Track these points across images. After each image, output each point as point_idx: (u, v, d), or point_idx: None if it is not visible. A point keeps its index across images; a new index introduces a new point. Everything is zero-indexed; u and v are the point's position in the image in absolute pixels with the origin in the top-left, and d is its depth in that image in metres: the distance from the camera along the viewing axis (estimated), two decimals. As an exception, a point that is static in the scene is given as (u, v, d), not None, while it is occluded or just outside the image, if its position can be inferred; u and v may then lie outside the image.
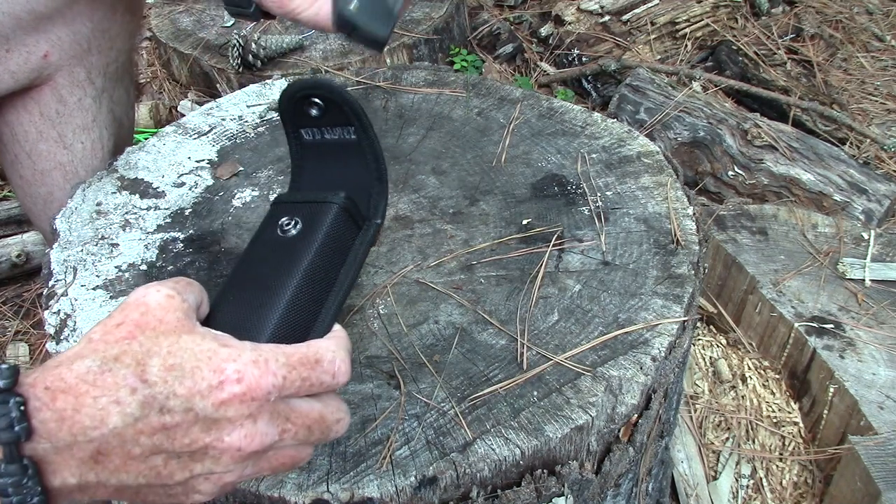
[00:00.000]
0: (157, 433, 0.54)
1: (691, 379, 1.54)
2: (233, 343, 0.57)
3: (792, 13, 2.78)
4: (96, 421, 0.52)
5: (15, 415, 0.50)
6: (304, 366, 0.59)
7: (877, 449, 1.25)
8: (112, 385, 0.52)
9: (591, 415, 0.77)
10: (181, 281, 0.62)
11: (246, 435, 0.56)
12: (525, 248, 0.97)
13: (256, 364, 0.56)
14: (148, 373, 0.53)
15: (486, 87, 1.26)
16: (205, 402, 0.54)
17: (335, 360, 0.61)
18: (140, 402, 0.53)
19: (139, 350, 0.54)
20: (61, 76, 1.17)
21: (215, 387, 0.54)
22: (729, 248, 1.62)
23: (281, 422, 0.58)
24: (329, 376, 0.60)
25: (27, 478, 0.51)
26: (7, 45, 1.08)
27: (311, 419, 0.60)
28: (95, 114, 1.23)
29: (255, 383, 0.55)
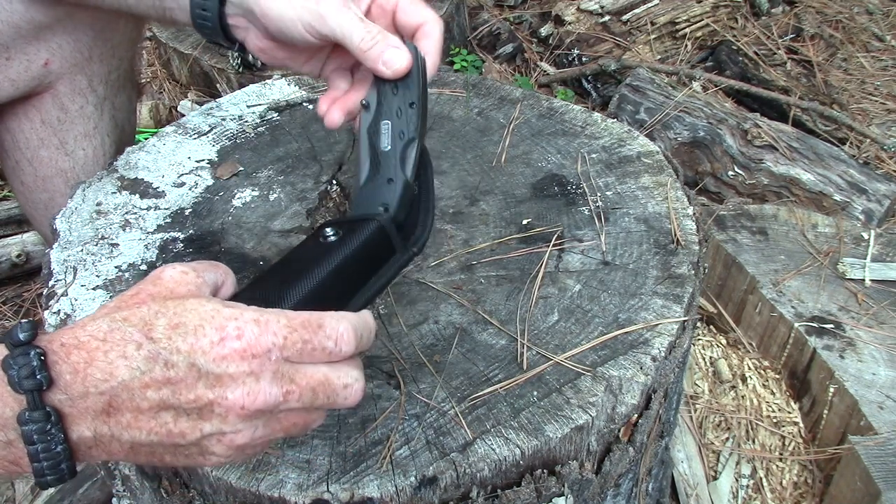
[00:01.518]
0: (163, 387, 0.57)
1: (691, 379, 1.54)
2: (237, 305, 0.59)
3: (792, 13, 2.78)
4: (106, 374, 0.56)
5: (36, 364, 0.54)
6: (306, 329, 0.60)
7: (877, 449, 1.25)
8: (120, 341, 0.56)
9: (591, 415, 0.77)
10: (204, 262, 0.65)
11: (249, 392, 0.58)
12: (525, 248, 0.97)
13: (257, 322, 0.58)
14: (154, 331, 0.57)
15: (486, 87, 1.26)
16: (206, 357, 0.57)
17: (338, 327, 0.62)
18: (145, 356, 0.56)
19: (147, 312, 0.58)
20: (62, 84, 1.17)
21: (216, 343, 0.57)
22: (729, 248, 1.62)
23: (285, 382, 0.59)
24: (332, 342, 0.61)
25: (51, 424, 0.55)
26: (7, 54, 1.08)
27: (316, 381, 0.61)
28: (97, 121, 1.23)
29: (255, 340, 0.58)
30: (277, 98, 1.26)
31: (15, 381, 0.54)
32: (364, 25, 0.79)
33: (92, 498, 1.44)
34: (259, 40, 0.87)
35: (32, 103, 1.17)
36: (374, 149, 0.79)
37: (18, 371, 0.54)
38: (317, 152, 1.15)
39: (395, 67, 0.78)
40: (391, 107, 0.79)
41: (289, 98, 1.26)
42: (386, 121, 0.79)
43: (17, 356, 0.54)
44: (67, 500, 1.44)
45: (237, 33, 0.89)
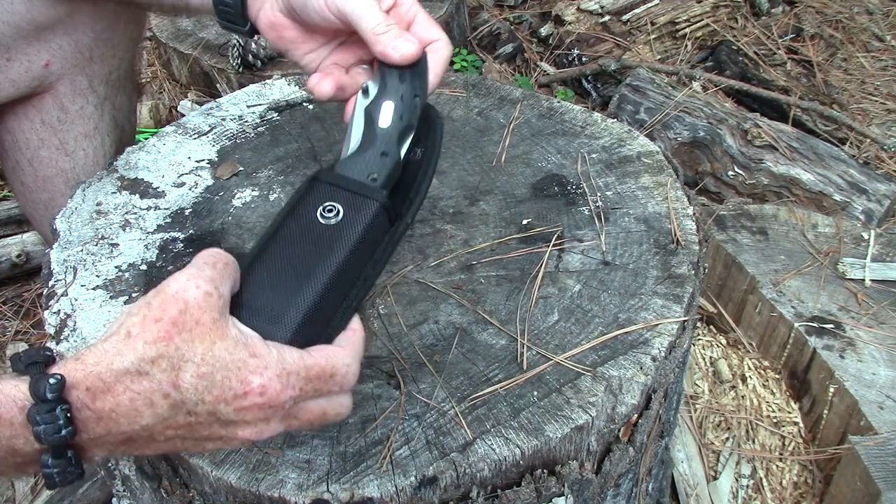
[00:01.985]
0: (182, 428, 0.61)
1: (691, 379, 1.54)
2: (260, 352, 0.62)
3: (792, 13, 2.78)
4: (130, 419, 0.59)
5: (62, 421, 0.56)
6: (320, 379, 0.64)
7: (877, 449, 1.25)
8: (147, 390, 0.58)
9: (591, 415, 0.77)
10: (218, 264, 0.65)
11: (256, 432, 0.63)
12: (525, 248, 0.97)
13: (280, 378, 0.61)
14: (181, 379, 0.59)
15: (486, 87, 1.26)
16: (228, 407, 0.61)
17: (348, 373, 0.67)
18: (171, 404, 0.59)
19: (175, 355, 0.59)
20: (63, 84, 1.16)
21: (240, 395, 0.60)
22: (729, 248, 1.62)
23: (289, 420, 0.65)
24: (338, 387, 0.66)
25: (70, 465, 0.59)
26: (7, 54, 1.08)
27: (315, 415, 0.66)
28: (97, 121, 1.23)
29: (276, 396, 0.61)
30: (277, 98, 1.26)
31: (40, 436, 0.56)
32: (383, 14, 0.80)
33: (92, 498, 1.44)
34: (273, 14, 0.87)
35: (33, 104, 1.17)
36: (371, 124, 0.79)
37: (45, 428, 0.56)
38: (317, 152, 1.15)
39: (403, 51, 0.78)
40: (397, 91, 0.79)
41: (289, 98, 1.26)
42: (389, 101, 0.79)
43: (44, 413, 0.56)
44: (67, 500, 1.44)
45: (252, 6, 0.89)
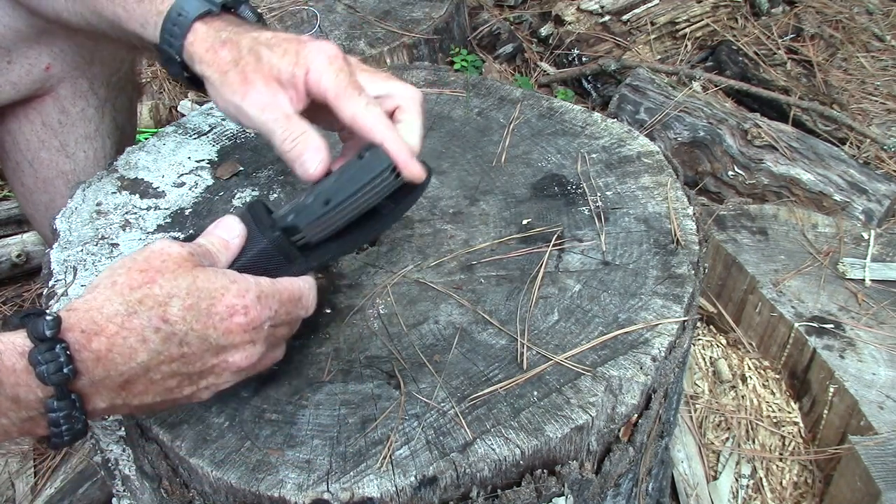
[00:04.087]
0: (176, 360, 0.64)
1: (691, 379, 1.54)
2: (238, 279, 0.68)
3: (792, 13, 2.78)
4: (126, 357, 0.62)
5: (63, 359, 0.59)
6: (290, 302, 0.72)
7: (877, 449, 1.25)
8: (138, 327, 0.62)
9: (591, 415, 0.77)
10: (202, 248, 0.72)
11: (246, 356, 0.69)
12: (525, 248, 0.97)
13: (259, 300, 0.68)
14: (169, 313, 0.63)
15: (486, 87, 1.26)
16: (216, 331, 0.65)
17: (309, 297, 0.75)
18: (163, 338, 0.63)
19: (160, 293, 0.64)
20: (64, 87, 1.16)
21: (225, 318, 0.65)
22: (729, 248, 1.62)
23: (268, 341, 0.71)
24: (304, 311, 0.75)
25: (75, 409, 0.61)
26: (9, 57, 1.09)
27: (282, 336, 0.75)
28: (98, 123, 1.23)
29: (257, 316, 0.68)
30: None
31: (44, 376, 0.58)
32: (286, 124, 0.78)
33: (92, 498, 1.44)
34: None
35: (33, 106, 1.17)
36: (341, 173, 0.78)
37: (47, 367, 0.58)
38: (317, 152, 1.14)
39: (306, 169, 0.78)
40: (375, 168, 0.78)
41: (289, 98, 1.26)
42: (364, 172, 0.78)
43: (44, 352, 0.58)
44: (67, 500, 1.44)
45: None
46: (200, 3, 0.87)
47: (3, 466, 1.49)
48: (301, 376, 0.82)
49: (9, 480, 1.48)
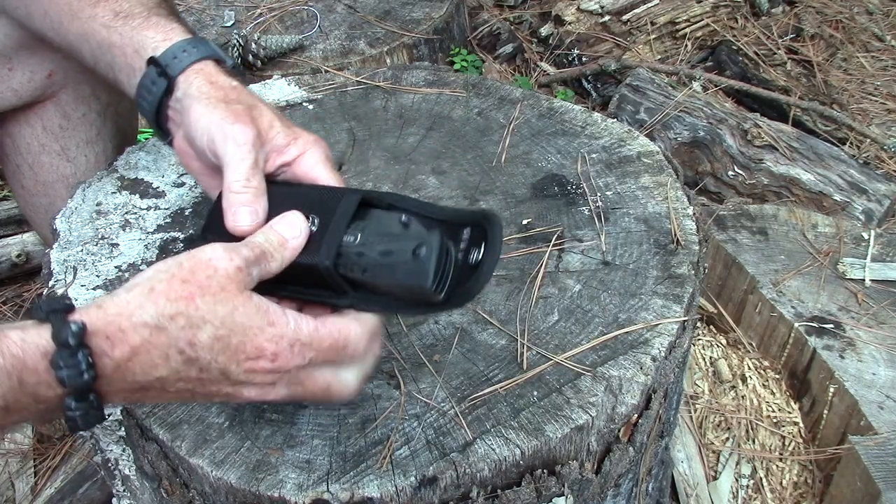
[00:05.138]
0: (193, 381, 0.64)
1: (691, 379, 1.54)
2: (278, 321, 0.64)
3: (792, 13, 2.78)
4: (146, 369, 0.61)
5: (84, 366, 0.58)
6: (332, 350, 0.67)
7: (877, 449, 1.25)
8: (164, 344, 0.61)
9: (591, 415, 0.77)
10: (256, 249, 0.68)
11: (261, 393, 0.66)
12: (525, 248, 0.97)
13: (292, 348, 0.64)
14: (198, 338, 0.61)
15: (486, 87, 1.26)
16: (239, 368, 0.64)
17: (359, 344, 0.68)
18: (185, 360, 0.62)
19: (194, 314, 0.62)
20: (66, 92, 1.16)
21: (252, 359, 0.63)
22: (729, 248, 1.62)
23: (294, 385, 0.67)
24: (350, 359, 0.69)
25: (92, 408, 0.61)
26: (10, 64, 1.08)
27: (318, 387, 0.68)
28: (100, 128, 1.22)
29: (286, 363, 0.64)
30: (277, 98, 1.26)
31: (64, 380, 0.58)
32: (251, 170, 0.78)
33: (92, 498, 1.44)
34: (182, 141, 0.87)
35: (34, 110, 1.17)
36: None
37: (68, 372, 0.58)
38: (317, 152, 1.15)
39: (237, 220, 0.75)
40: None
41: (289, 98, 1.26)
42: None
43: (66, 357, 0.58)
44: (67, 500, 1.44)
45: (171, 126, 0.89)
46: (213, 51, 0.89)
47: (3, 466, 1.49)
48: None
49: (9, 480, 1.48)
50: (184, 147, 0.87)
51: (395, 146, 1.15)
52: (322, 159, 0.82)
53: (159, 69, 0.86)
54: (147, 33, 0.89)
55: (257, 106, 0.83)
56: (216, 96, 0.83)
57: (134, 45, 0.89)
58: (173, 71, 0.86)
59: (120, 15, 0.91)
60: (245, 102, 0.83)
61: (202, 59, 0.87)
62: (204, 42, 0.89)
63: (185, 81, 0.85)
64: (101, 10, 0.91)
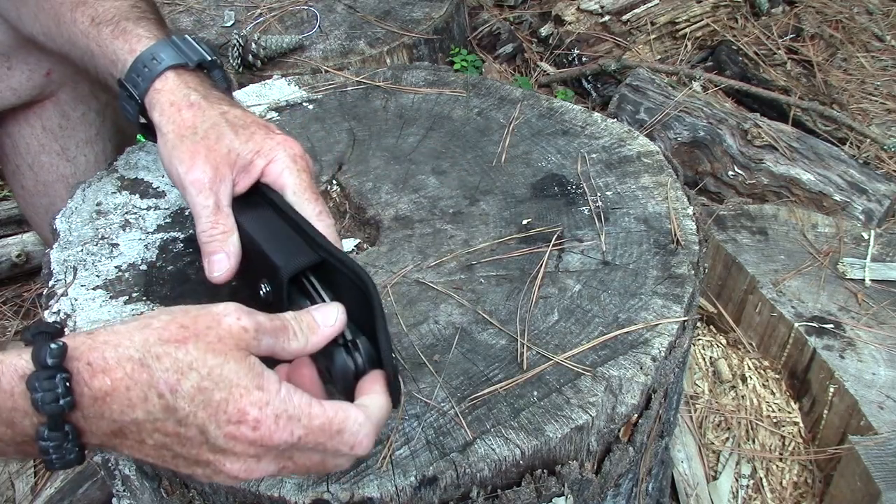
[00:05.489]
0: (171, 436, 0.59)
1: (691, 379, 1.54)
2: (268, 388, 0.60)
3: (792, 13, 2.78)
4: (123, 407, 0.57)
5: (61, 390, 0.55)
6: (324, 433, 0.61)
7: (877, 449, 1.25)
8: (145, 383, 0.57)
9: (591, 415, 0.77)
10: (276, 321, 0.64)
11: (245, 469, 0.61)
12: (525, 248, 0.97)
13: (278, 419, 0.59)
14: (180, 385, 0.58)
15: (486, 87, 1.26)
16: (218, 430, 0.58)
17: (359, 434, 0.62)
18: (164, 406, 0.58)
19: (183, 359, 0.58)
20: (65, 91, 1.16)
21: (232, 422, 0.58)
22: (729, 248, 1.62)
23: (283, 461, 0.62)
24: (347, 447, 0.62)
25: (67, 441, 0.57)
26: (8, 63, 1.08)
27: (312, 463, 0.64)
28: (99, 127, 1.22)
29: (269, 436, 0.59)
30: (277, 98, 1.26)
31: (38, 404, 0.55)
32: (214, 216, 0.79)
33: (92, 498, 1.44)
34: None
35: (34, 110, 1.17)
36: None
37: (43, 395, 0.55)
38: (317, 152, 1.15)
39: (210, 270, 0.78)
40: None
41: (289, 98, 1.26)
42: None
43: (43, 379, 0.55)
44: (67, 500, 1.44)
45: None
46: (177, 55, 0.88)
47: (3, 466, 1.49)
48: (301, 376, 0.82)
49: (9, 480, 1.48)
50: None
51: (395, 146, 1.15)
52: (288, 164, 0.82)
53: (127, 91, 0.88)
54: (116, 43, 0.90)
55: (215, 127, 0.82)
56: (173, 130, 0.83)
57: (109, 56, 0.90)
58: (139, 94, 0.87)
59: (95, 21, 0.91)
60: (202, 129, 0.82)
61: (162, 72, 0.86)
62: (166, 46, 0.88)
63: (150, 104, 0.86)
64: (80, 16, 0.92)
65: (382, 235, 1.00)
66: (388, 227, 1.01)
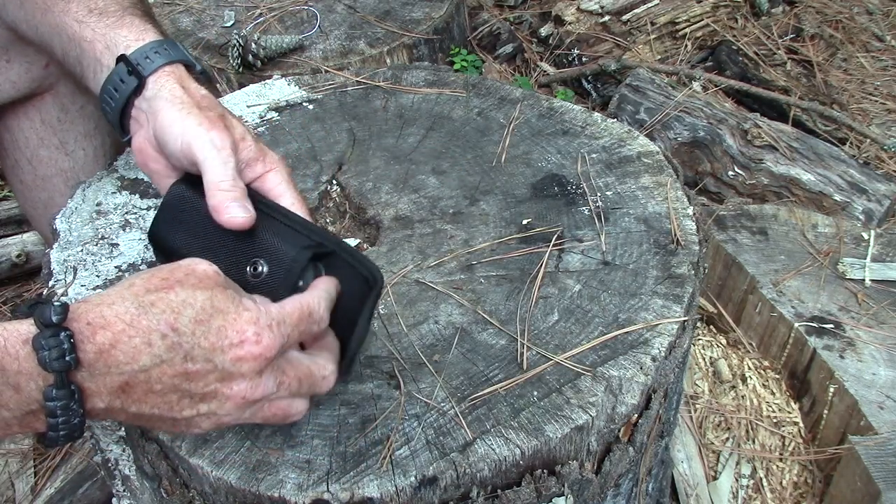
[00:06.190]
0: (178, 375, 0.62)
1: (691, 379, 1.54)
2: (252, 306, 0.65)
3: (792, 13, 2.78)
4: (128, 357, 0.60)
5: (66, 346, 0.57)
6: (302, 321, 0.69)
7: (877, 449, 1.25)
8: (146, 328, 0.60)
9: (591, 415, 0.77)
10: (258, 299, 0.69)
11: (251, 386, 0.65)
12: (525, 248, 0.97)
13: (271, 328, 0.65)
14: (179, 322, 0.61)
15: (486, 87, 1.26)
16: (224, 356, 0.63)
17: (321, 309, 0.71)
18: (168, 346, 0.61)
19: (175, 300, 0.62)
20: (63, 85, 1.16)
21: (236, 344, 0.63)
22: (729, 248, 1.62)
23: (279, 374, 0.67)
24: (316, 325, 0.71)
25: (73, 401, 0.59)
26: (6, 56, 1.08)
27: (302, 373, 0.69)
28: (98, 121, 1.22)
29: (271, 344, 0.64)
30: (277, 98, 1.26)
31: (45, 362, 0.57)
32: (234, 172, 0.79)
33: (92, 498, 1.44)
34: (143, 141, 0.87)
35: (33, 103, 1.17)
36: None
37: (49, 353, 0.57)
38: (317, 152, 1.15)
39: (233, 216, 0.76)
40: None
41: (289, 98, 1.26)
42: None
43: (48, 337, 0.57)
44: (67, 500, 1.44)
45: (132, 125, 0.90)
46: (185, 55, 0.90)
47: (3, 466, 1.49)
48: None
49: (9, 480, 1.48)
50: (144, 147, 0.87)
51: (395, 146, 1.15)
52: (286, 179, 0.84)
53: (130, 67, 0.87)
54: (120, 31, 0.90)
55: (227, 116, 0.84)
56: (189, 101, 0.83)
57: (105, 42, 0.90)
58: (144, 70, 0.86)
59: (94, 11, 0.92)
60: (216, 111, 0.84)
61: (173, 62, 0.88)
62: (176, 46, 0.90)
63: (156, 83, 0.86)
64: (74, 6, 0.92)
65: (382, 235, 1.00)
66: (388, 227, 1.01)
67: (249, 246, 0.78)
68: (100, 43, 0.90)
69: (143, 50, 0.88)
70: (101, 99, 0.90)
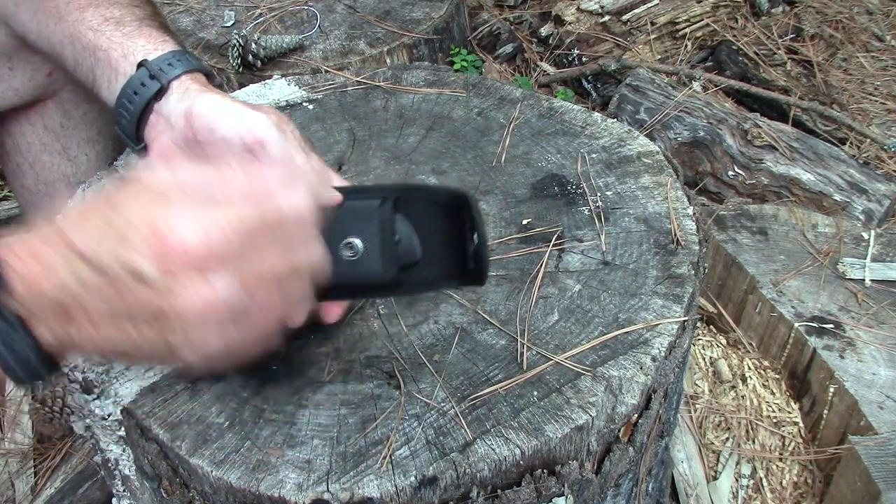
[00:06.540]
0: (112, 299, 0.55)
1: (691, 379, 1.54)
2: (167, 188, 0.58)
3: (792, 13, 2.78)
4: (48, 272, 0.54)
5: None
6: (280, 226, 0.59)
7: (877, 449, 1.25)
8: (58, 244, 0.55)
9: (591, 415, 0.77)
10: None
11: (203, 297, 0.55)
12: (525, 248, 0.97)
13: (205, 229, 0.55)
14: (84, 230, 0.55)
15: (486, 87, 1.26)
16: (148, 264, 0.54)
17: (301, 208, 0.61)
18: (86, 263, 0.54)
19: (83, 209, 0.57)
20: (67, 90, 1.16)
21: (154, 248, 0.54)
22: (729, 248, 1.62)
23: (242, 272, 0.57)
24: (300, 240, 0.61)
25: (15, 331, 0.55)
26: (10, 63, 1.08)
27: (277, 266, 0.59)
28: (101, 126, 1.22)
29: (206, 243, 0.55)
30: (277, 98, 1.26)
31: None
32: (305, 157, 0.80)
33: (92, 498, 1.44)
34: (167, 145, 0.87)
35: (35, 109, 1.17)
36: None
37: None
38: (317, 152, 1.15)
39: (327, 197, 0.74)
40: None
41: (289, 98, 1.26)
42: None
43: None
44: (67, 500, 1.44)
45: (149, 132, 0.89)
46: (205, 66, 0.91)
47: (3, 466, 1.49)
48: (301, 376, 0.82)
49: (9, 480, 1.48)
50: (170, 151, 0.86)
51: (395, 146, 1.15)
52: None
53: (151, 73, 0.87)
54: (138, 41, 0.90)
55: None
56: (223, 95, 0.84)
57: (122, 51, 0.90)
58: (166, 76, 0.86)
59: (110, 21, 0.92)
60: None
61: (194, 70, 0.88)
62: (194, 56, 0.90)
63: (181, 85, 0.86)
64: (89, 15, 0.92)
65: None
66: (388, 227, 1.01)
67: (332, 230, 0.74)
68: (116, 52, 0.90)
69: (165, 57, 0.88)
70: (118, 104, 0.90)
